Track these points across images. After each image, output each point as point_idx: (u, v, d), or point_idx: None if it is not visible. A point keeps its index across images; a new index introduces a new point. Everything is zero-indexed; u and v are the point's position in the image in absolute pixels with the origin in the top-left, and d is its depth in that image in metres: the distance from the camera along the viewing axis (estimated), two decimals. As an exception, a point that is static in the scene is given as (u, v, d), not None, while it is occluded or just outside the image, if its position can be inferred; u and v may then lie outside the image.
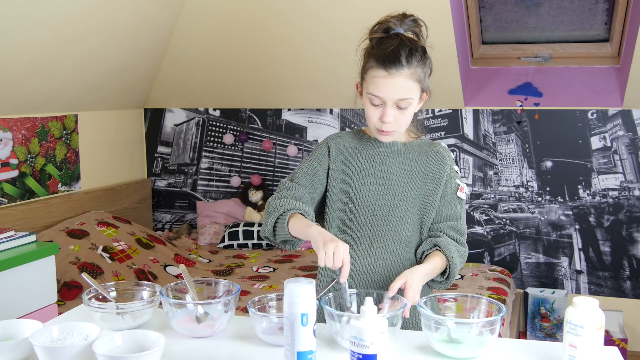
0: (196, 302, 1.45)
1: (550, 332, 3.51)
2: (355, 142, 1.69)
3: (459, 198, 1.64)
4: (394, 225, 1.60)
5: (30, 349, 1.29)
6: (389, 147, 1.65)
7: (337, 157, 1.67)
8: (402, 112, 1.54)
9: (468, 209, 3.72)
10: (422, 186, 1.62)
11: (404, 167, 1.63)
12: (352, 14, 3.26)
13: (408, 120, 1.58)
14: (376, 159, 1.65)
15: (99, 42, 3.19)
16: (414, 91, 1.53)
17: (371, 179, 1.63)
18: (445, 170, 1.62)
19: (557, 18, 3.52)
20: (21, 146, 3.14)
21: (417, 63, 1.52)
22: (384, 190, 1.62)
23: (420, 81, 1.54)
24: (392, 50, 1.52)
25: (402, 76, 1.51)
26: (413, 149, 1.65)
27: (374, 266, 1.61)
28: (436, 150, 1.65)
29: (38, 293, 2.40)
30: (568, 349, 1.22)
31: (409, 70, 1.51)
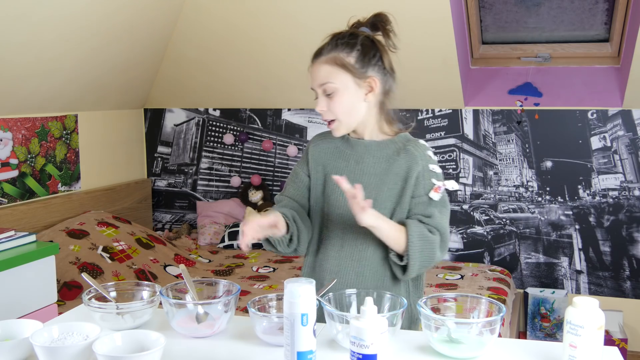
0: (196, 302, 1.45)
1: (550, 332, 3.51)
2: (335, 142, 1.68)
3: (430, 199, 1.56)
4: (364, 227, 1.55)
5: (30, 349, 1.29)
6: (364, 146, 1.63)
7: (317, 160, 1.68)
8: (332, 100, 1.56)
9: (468, 209, 3.72)
10: (393, 187, 1.58)
11: (377, 167, 1.61)
12: (352, 15, 3.26)
13: (345, 108, 1.56)
14: (351, 159, 1.64)
15: (99, 42, 3.19)
16: (336, 75, 1.54)
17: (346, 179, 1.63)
18: (416, 170, 1.57)
19: (557, 18, 3.52)
20: (21, 146, 3.14)
21: (336, 49, 1.56)
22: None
23: (344, 65, 1.54)
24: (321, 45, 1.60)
25: (317, 63, 1.57)
26: (387, 147, 1.62)
27: (344, 267, 1.61)
28: (407, 148, 1.60)
29: (38, 293, 2.40)
30: (568, 349, 1.22)
31: (325, 56, 1.56)
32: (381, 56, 1.59)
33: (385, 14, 1.64)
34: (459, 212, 3.74)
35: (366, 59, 1.57)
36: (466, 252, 3.74)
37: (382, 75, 1.59)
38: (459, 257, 3.75)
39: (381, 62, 1.59)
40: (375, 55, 1.58)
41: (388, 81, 1.61)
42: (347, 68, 1.55)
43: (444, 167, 3.75)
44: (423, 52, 3.35)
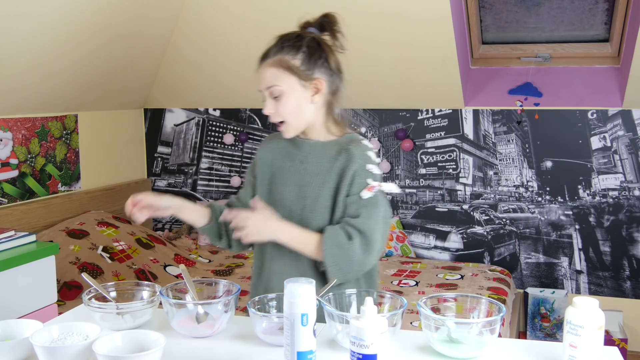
0: (196, 302, 1.45)
1: (550, 332, 3.51)
2: (284, 142, 1.70)
3: (361, 197, 1.56)
4: (305, 226, 1.59)
5: (30, 349, 1.29)
6: (309, 146, 1.66)
7: (264, 160, 1.71)
8: (279, 102, 1.58)
9: (468, 209, 3.73)
10: (333, 186, 1.60)
11: (319, 167, 1.63)
12: (352, 14, 3.26)
13: (292, 110, 1.59)
14: (296, 159, 1.66)
15: (99, 42, 3.19)
16: (282, 78, 1.56)
17: (290, 179, 1.65)
18: (352, 169, 1.58)
19: (557, 18, 3.52)
20: (21, 146, 3.14)
21: (282, 51, 1.57)
22: (300, 191, 1.63)
23: (289, 68, 1.56)
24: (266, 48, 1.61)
25: (264, 66, 1.59)
26: (331, 148, 1.64)
27: (287, 267, 1.62)
28: (347, 147, 1.61)
29: (38, 293, 2.40)
30: (568, 349, 1.22)
31: (271, 59, 1.57)
32: (327, 57, 1.62)
33: (333, 15, 1.67)
34: (459, 212, 3.75)
35: (312, 61, 1.58)
36: (466, 252, 3.74)
37: (328, 77, 1.62)
38: (459, 257, 3.75)
39: (327, 64, 1.62)
40: (321, 56, 1.60)
41: (335, 82, 1.64)
42: (293, 70, 1.57)
43: (444, 167, 3.75)
44: (423, 52, 3.35)
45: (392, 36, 3.32)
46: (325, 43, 1.63)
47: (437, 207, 3.79)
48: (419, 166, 3.80)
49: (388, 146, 3.86)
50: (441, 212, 3.78)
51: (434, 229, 3.80)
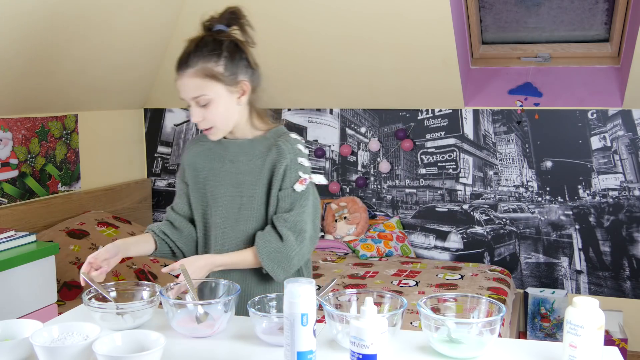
0: (196, 302, 1.45)
1: (550, 332, 3.51)
2: (209, 144, 1.71)
3: (294, 190, 1.60)
4: (243, 225, 1.63)
5: (30, 349, 1.29)
6: (237, 145, 1.66)
7: (192, 165, 1.72)
8: (208, 109, 1.57)
9: (468, 209, 3.73)
10: (267, 182, 1.62)
11: (251, 165, 1.64)
12: (352, 15, 3.26)
13: (221, 116, 1.58)
14: (226, 159, 1.67)
15: (99, 42, 3.19)
16: (208, 87, 1.55)
17: (222, 180, 1.66)
18: (284, 163, 1.60)
19: (557, 18, 3.52)
20: (21, 146, 3.14)
21: (203, 59, 1.54)
22: (234, 190, 1.65)
23: (215, 76, 1.55)
24: (182, 54, 1.57)
25: (186, 76, 1.55)
26: (259, 145, 1.65)
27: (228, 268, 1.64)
28: (277, 143, 1.62)
29: (38, 293, 2.40)
30: (568, 349, 1.22)
31: (193, 69, 1.54)
32: (247, 57, 1.61)
33: (239, 8, 1.65)
34: (459, 212, 3.75)
35: (234, 65, 1.58)
36: (466, 252, 3.74)
37: (250, 76, 1.62)
38: (459, 257, 3.75)
39: (248, 63, 1.61)
40: (242, 58, 1.60)
41: (256, 79, 1.64)
42: (218, 78, 1.55)
43: (444, 167, 3.75)
44: (423, 52, 3.35)
45: (392, 36, 3.32)
46: (242, 42, 1.62)
47: (437, 207, 3.79)
48: (419, 166, 3.80)
49: (388, 146, 3.86)
50: (441, 212, 3.78)
51: (434, 229, 3.80)
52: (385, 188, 3.89)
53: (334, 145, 3.96)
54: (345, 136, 3.93)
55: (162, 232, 1.72)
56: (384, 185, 3.89)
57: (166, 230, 1.72)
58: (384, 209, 3.91)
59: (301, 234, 1.60)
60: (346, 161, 3.96)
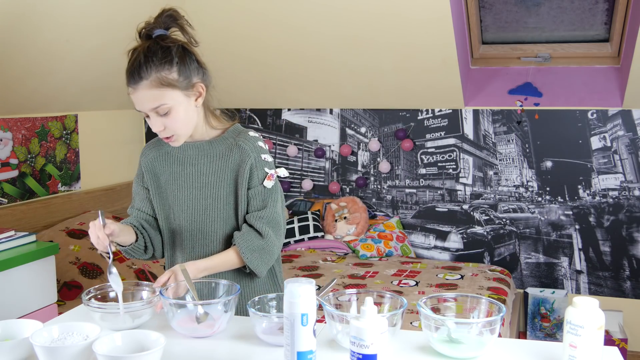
0: (196, 302, 1.45)
1: (550, 332, 3.51)
2: (165, 148, 1.70)
3: (265, 187, 1.61)
4: (211, 226, 1.63)
5: (30, 349, 1.29)
6: (196, 147, 1.66)
7: (150, 170, 1.72)
8: (167, 118, 1.54)
9: (468, 209, 3.73)
10: (231, 182, 1.62)
11: (212, 166, 1.64)
12: (352, 15, 3.26)
13: (181, 124, 1.56)
14: (186, 162, 1.67)
15: (99, 42, 3.19)
16: (166, 96, 1.52)
17: (185, 183, 1.66)
18: (248, 163, 1.61)
19: (557, 18, 3.52)
20: (21, 146, 3.14)
21: (156, 69, 1.50)
22: (198, 193, 1.65)
23: (171, 84, 1.52)
24: (130, 66, 1.53)
25: (142, 88, 1.51)
26: (219, 146, 1.65)
27: None
28: (238, 144, 1.63)
29: (38, 293, 2.40)
30: (568, 349, 1.22)
31: (148, 80, 1.50)
32: (196, 59, 1.59)
33: (174, 9, 1.61)
34: (459, 212, 3.75)
35: (186, 68, 1.55)
36: (466, 252, 3.74)
37: (202, 76, 1.60)
38: (459, 257, 3.75)
39: (198, 65, 1.59)
40: (191, 60, 1.57)
41: (207, 79, 1.62)
42: (175, 85, 1.53)
43: (444, 167, 3.75)
44: (423, 52, 3.35)
45: (392, 36, 3.32)
46: (188, 45, 1.59)
47: (437, 207, 3.79)
48: (419, 166, 3.80)
49: (388, 146, 3.86)
50: (441, 212, 3.78)
51: (434, 229, 3.80)
52: (385, 188, 3.89)
53: (334, 145, 3.96)
54: (345, 136, 3.93)
55: (142, 225, 1.71)
56: (384, 185, 3.89)
57: (144, 225, 1.71)
58: (384, 209, 3.91)
59: (278, 228, 1.63)
60: (346, 161, 3.96)
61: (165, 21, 1.59)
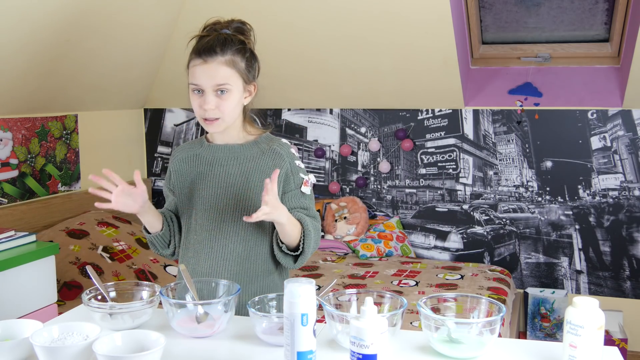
0: (196, 302, 1.45)
1: (550, 332, 3.51)
2: (195, 149, 1.75)
3: (302, 192, 1.67)
4: (232, 226, 1.65)
5: (30, 349, 1.29)
6: (227, 150, 1.70)
7: (178, 170, 1.75)
8: (223, 99, 1.60)
9: (468, 209, 3.73)
10: (260, 184, 1.63)
11: (241, 168, 1.67)
12: (352, 15, 3.26)
13: (231, 109, 1.62)
14: (215, 163, 1.70)
15: (99, 42, 3.19)
16: (232, 78, 1.60)
17: (211, 183, 1.68)
18: (284, 167, 1.65)
19: (557, 18, 3.52)
20: (21, 146, 3.14)
21: (232, 52, 1.60)
22: (223, 192, 1.67)
23: (239, 69, 1.61)
24: (207, 41, 1.61)
25: (216, 62, 1.59)
26: (250, 149, 1.69)
27: (214, 267, 1.65)
28: (273, 148, 1.68)
29: (38, 293, 2.40)
30: (568, 349, 1.22)
31: (223, 57, 1.59)
32: (259, 64, 1.69)
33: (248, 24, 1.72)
34: (459, 212, 3.75)
35: (252, 67, 1.66)
36: (466, 252, 3.74)
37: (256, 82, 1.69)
38: (459, 257, 3.75)
39: (258, 71, 1.69)
40: (256, 62, 1.68)
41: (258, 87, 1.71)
42: (241, 73, 1.62)
43: (444, 167, 3.75)
44: (423, 52, 3.35)
45: (392, 36, 3.32)
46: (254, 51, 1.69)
47: (437, 207, 3.79)
48: (419, 166, 3.80)
49: (388, 146, 3.86)
50: (441, 212, 3.78)
51: (434, 229, 3.80)
52: (385, 188, 3.89)
53: (334, 145, 3.96)
54: (345, 136, 3.93)
55: (170, 218, 1.75)
56: (384, 185, 3.89)
57: (173, 219, 1.76)
58: (384, 209, 3.91)
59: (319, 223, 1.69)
60: (346, 161, 3.96)
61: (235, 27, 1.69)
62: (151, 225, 1.69)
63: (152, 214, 1.67)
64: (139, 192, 1.58)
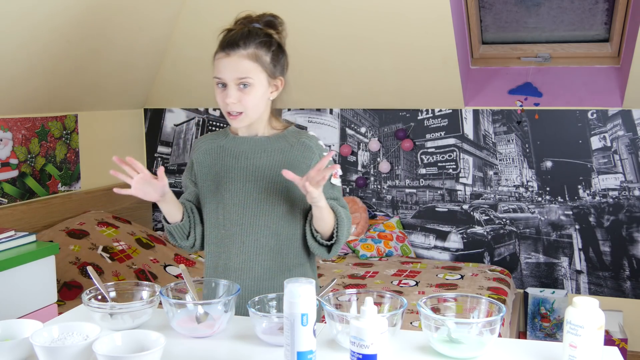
0: (196, 302, 1.45)
1: (550, 332, 3.51)
2: (219, 141, 1.72)
3: (332, 184, 1.66)
4: (264, 219, 1.63)
5: (30, 349, 1.29)
6: (253, 142, 1.68)
7: (202, 163, 1.71)
8: (245, 93, 1.59)
9: (468, 209, 3.73)
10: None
11: (269, 160, 1.65)
12: (352, 15, 3.26)
13: (255, 103, 1.61)
14: (241, 156, 1.67)
15: (99, 42, 3.19)
16: (254, 72, 1.59)
17: (238, 176, 1.66)
18: (313, 160, 1.64)
19: (557, 18, 3.52)
20: (21, 146, 3.14)
21: (255, 45, 1.59)
22: (252, 186, 1.64)
23: (263, 63, 1.59)
24: (231, 35, 1.60)
25: (237, 55, 1.58)
26: (278, 141, 1.67)
27: (247, 262, 1.64)
28: (302, 141, 1.67)
29: (38, 293, 2.40)
30: (568, 349, 1.22)
31: (246, 50, 1.58)
32: (286, 58, 1.69)
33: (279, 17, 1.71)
34: (459, 212, 3.75)
35: (278, 61, 1.65)
36: (466, 252, 3.74)
37: (284, 76, 1.69)
38: (459, 257, 3.75)
39: (285, 65, 1.69)
40: (283, 56, 1.67)
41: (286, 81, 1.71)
42: (265, 67, 1.61)
43: (444, 167, 3.75)
44: (423, 52, 3.35)
45: (392, 36, 3.32)
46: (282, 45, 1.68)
47: (437, 207, 3.79)
48: (419, 166, 3.80)
49: (388, 146, 3.86)
50: (441, 212, 3.78)
51: (434, 229, 3.80)
52: (385, 188, 3.89)
53: (334, 145, 3.96)
54: (345, 136, 3.93)
55: (191, 209, 1.71)
56: (384, 185, 3.89)
57: (194, 211, 1.72)
58: (384, 209, 3.91)
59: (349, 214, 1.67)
60: (346, 161, 3.96)
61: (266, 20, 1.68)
62: (170, 215, 1.66)
63: (173, 204, 1.64)
64: (159, 184, 1.56)
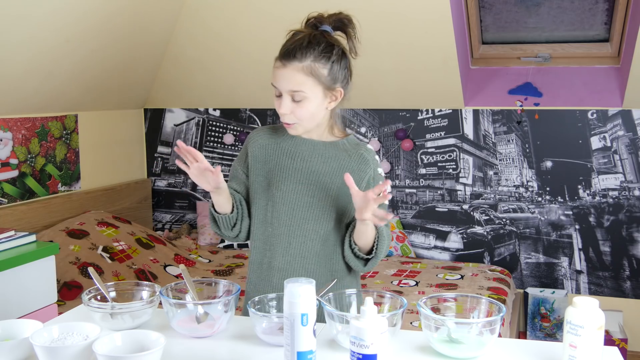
0: (196, 302, 1.45)
1: (550, 332, 3.51)
2: (276, 137, 1.69)
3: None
4: (312, 224, 1.62)
5: (30, 349, 1.29)
6: (311, 145, 1.65)
7: (257, 157, 1.69)
8: (298, 105, 1.56)
9: (468, 209, 3.73)
10: (342, 186, 1.59)
11: (325, 166, 1.63)
12: (352, 15, 3.25)
13: (309, 115, 1.58)
14: (297, 157, 1.65)
15: (99, 42, 3.19)
16: (307, 85, 1.54)
17: (292, 177, 1.64)
18: (368, 174, 1.63)
19: (557, 18, 3.52)
20: (21, 146, 3.14)
21: (312, 58, 1.54)
22: (304, 188, 1.63)
23: (318, 76, 1.55)
24: (291, 44, 1.56)
25: (291, 68, 1.54)
26: (336, 149, 1.65)
27: (292, 263, 1.63)
28: (360, 153, 1.64)
29: (38, 293, 2.40)
30: (568, 349, 1.22)
31: (301, 63, 1.53)
32: (349, 67, 1.62)
33: (350, 16, 1.65)
34: (459, 212, 3.75)
35: (337, 71, 1.58)
36: (466, 252, 3.74)
37: (345, 85, 1.63)
38: (459, 257, 3.75)
39: (348, 73, 1.62)
40: (345, 66, 1.61)
41: (347, 88, 1.65)
42: (321, 80, 1.56)
43: (444, 167, 3.75)
44: (423, 52, 3.35)
45: (392, 36, 3.32)
46: (347, 51, 1.62)
47: (437, 207, 3.79)
48: (419, 166, 3.80)
49: (388, 146, 3.86)
50: (441, 212, 3.78)
51: (434, 229, 3.80)
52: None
53: (334, 145, 3.95)
54: (345, 136, 3.93)
55: (241, 203, 1.68)
56: (384, 185, 3.89)
57: (243, 203, 1.68)
58: (384, 209, 3.91)
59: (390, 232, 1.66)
60: (346, 161, 3.95)
61: (336, 21, 1.63)
62: (220, 205, 1.62)
63: (225, 197, 1.60)
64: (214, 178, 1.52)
